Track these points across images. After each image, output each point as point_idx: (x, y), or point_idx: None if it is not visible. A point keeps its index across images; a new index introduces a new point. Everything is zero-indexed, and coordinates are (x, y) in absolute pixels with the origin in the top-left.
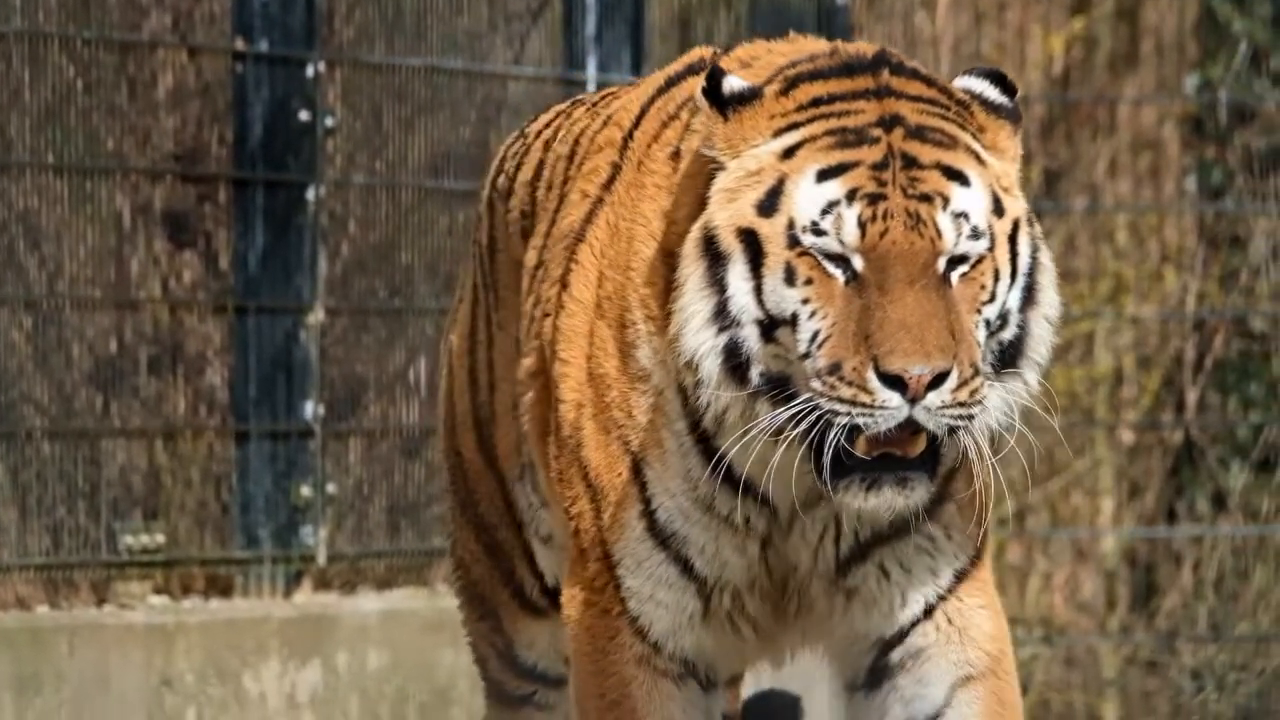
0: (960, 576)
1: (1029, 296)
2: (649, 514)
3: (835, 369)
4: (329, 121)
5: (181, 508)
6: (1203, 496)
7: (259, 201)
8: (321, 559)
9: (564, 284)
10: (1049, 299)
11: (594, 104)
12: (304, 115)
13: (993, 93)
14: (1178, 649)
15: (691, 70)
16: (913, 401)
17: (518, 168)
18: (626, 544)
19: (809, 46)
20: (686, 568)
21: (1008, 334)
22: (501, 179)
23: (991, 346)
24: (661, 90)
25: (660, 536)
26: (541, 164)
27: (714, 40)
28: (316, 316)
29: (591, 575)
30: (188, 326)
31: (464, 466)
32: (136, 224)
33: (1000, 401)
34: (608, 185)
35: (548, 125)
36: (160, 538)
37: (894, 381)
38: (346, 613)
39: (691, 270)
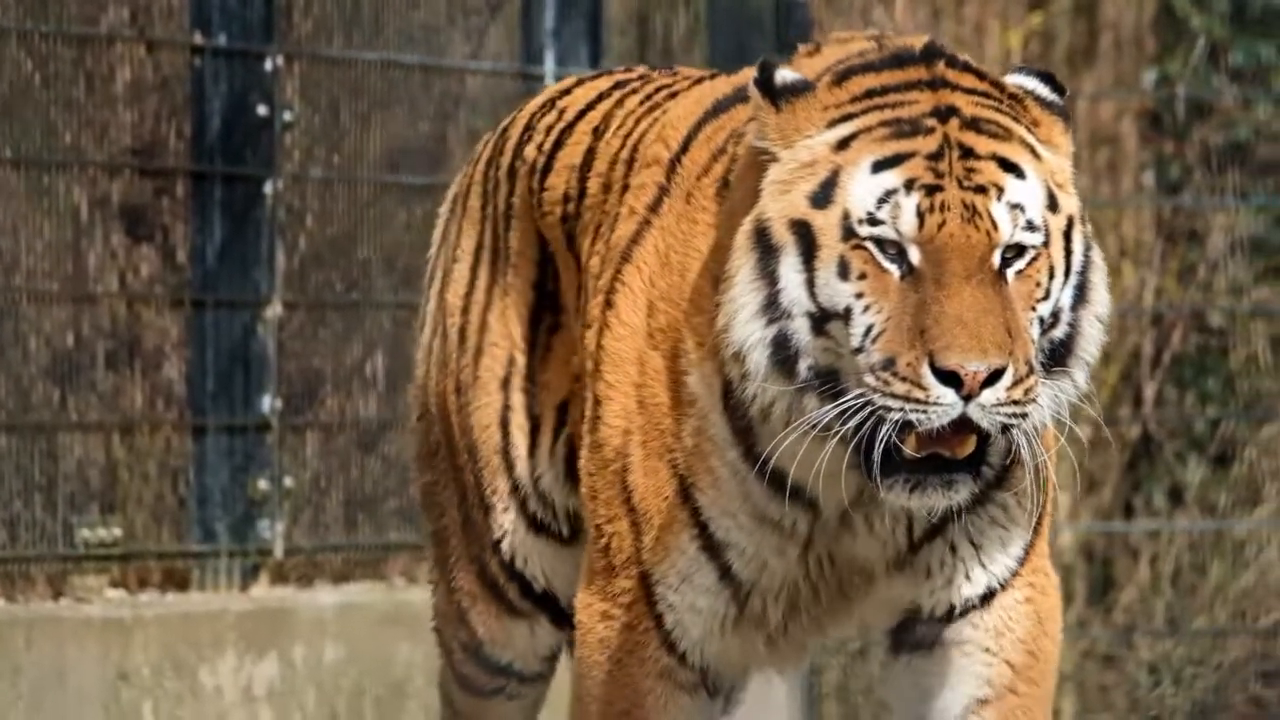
0: (1021, 560)
1: (1081, 295)
2: (705, 535)
3: (889, 364)
4: (287, 116)
5: (138, 501)
6: (1160, 491)
7: (217, 195)
8: (278, 552)
9: (609, 304)
10: (1100, 298)
11: (648, 96)
12: (262, 109)
13: (1044, 89)
14: (1135, 643)
15: (739, 97)
16: (967, 398)
17: (557, 145)
18: (673, 563)
19: (855, 45)
20: (726, 572)
21: (1059, 332)
22: (531, 149)
23: (1042, 345)
24: (710, 115)
25: (712, 550)
26: (592, 152)
27: (672, 34)
28: (274, 310)
29: (618, 591)
30: (145, 320)
31: (450, 427)
32: (94, 218)
33: (1049, 400)
34: (654, 208)
35: (591, 107)
36: (117, 531)
37: (949, 378)
38: (303, 606)
39: (743, 262)
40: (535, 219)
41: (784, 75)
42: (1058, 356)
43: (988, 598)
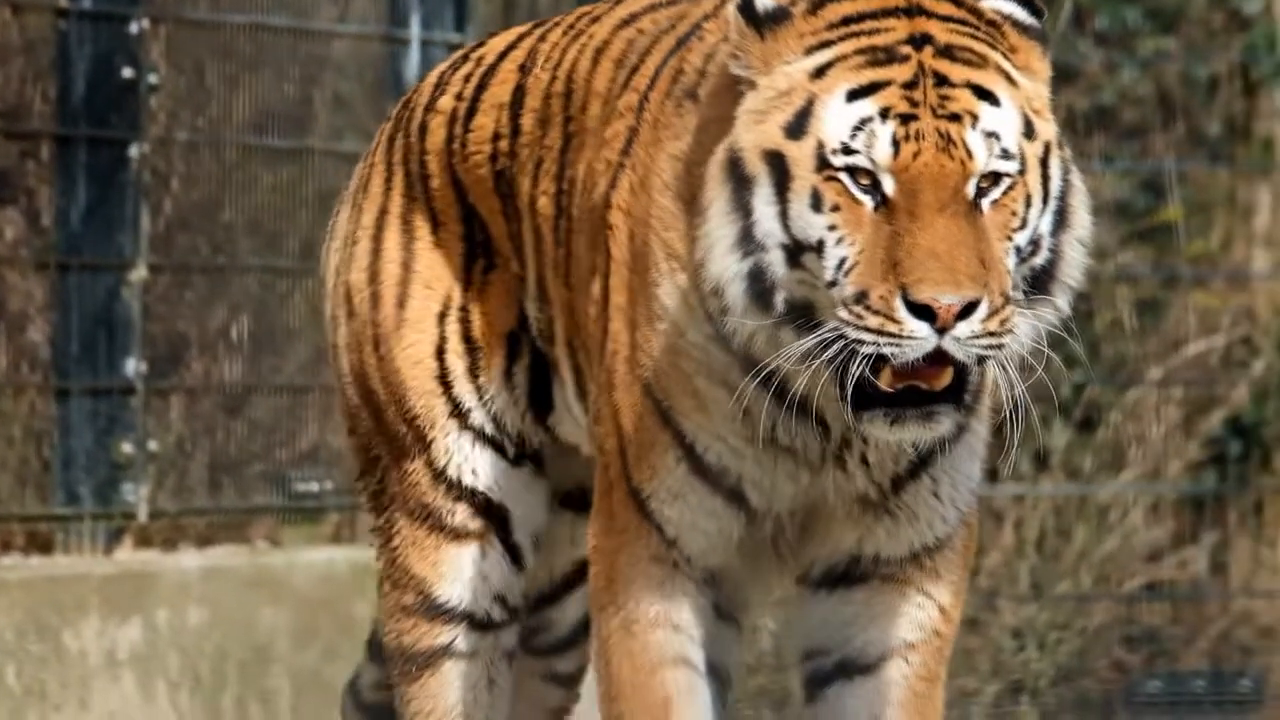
0: (969, 505)
1: (1061, 220)
2: (694, 458)
3: (862, 297)
4: (152, 79)
5: (2, 464)
6: (1024, 455)
7: (82, 159)
8: (142, 516)
9: (607, 253)
10: (1081, 220)
11: (570, 25)
12: (127, 72)
13: (1022, 13)
14: (999, 608)
15: (697, 32)
16: (941, 331)
17: (480, 88)
18: (661, 481)
19: None
20: (736, 498)
21: (1039, 259)
22: (447, 100)
23: (1023, 272)
24: (673, 51)
25: (709, 475)
26: (521, 89)
27: (538, 3)
28: (139, 274)
29: (616, 504)
30: (9, 283)
31: (375, 399)
32: None
33: (1030, 328)
34: (626, 150)
35: (513, 46)
36: None
37: (923, 311)
38: (167, 569)
39: (716, 194)
40: (453, 167)
41: (764, 2)
42: (1039, 283)
43: (951, 535)
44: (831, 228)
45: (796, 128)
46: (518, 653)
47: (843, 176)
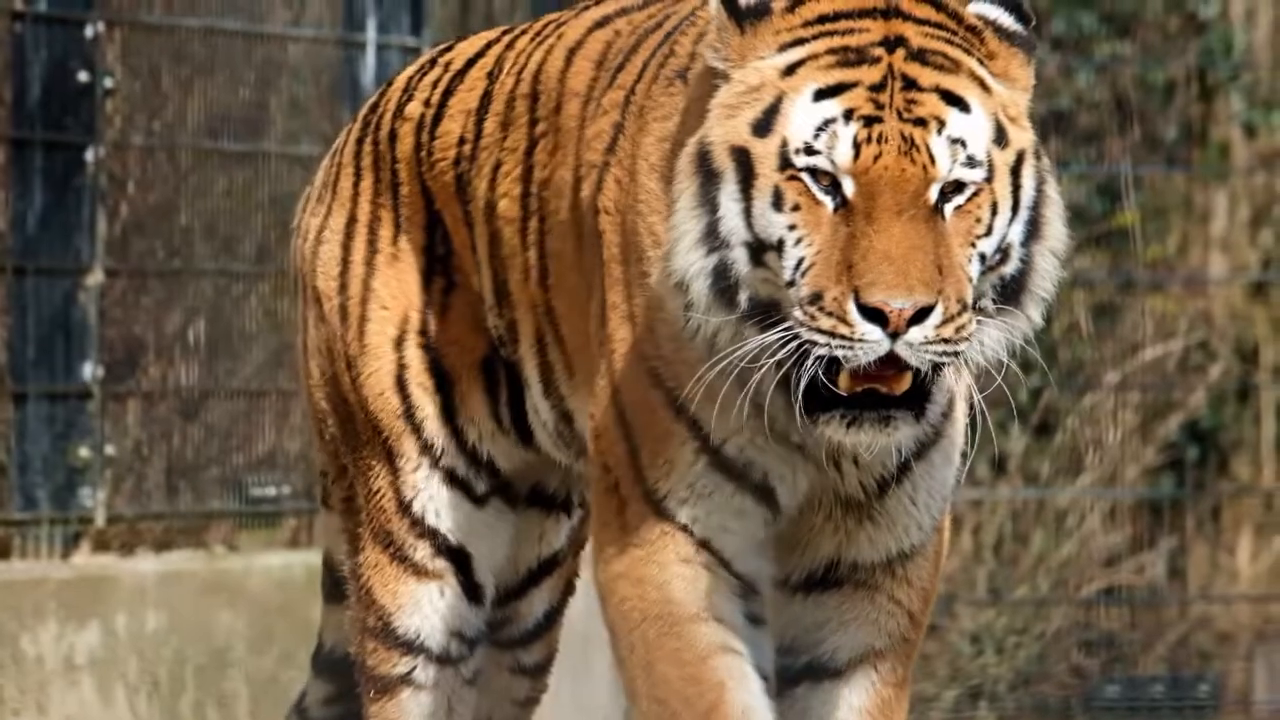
0: (942, 513)
1: (1033, 230)
2: (712, 451)
3: (816, 298)
4: (108, 82)
5: None
6: (982, 460)
7: (37, 162)
8: (100, 520)
9: (599, 257)
10: (1055, 232)
11: (537, 32)
12: (83, 76)
13: (1007, 19)
14: (957, 613)
15: (689, 19)
16: (894, 336)
17: (447, 94)
18: (681, 477)
19: None
20: (765, 495)
21: (1009, 268)
22: (415, 106)
23: (992, 281)
24: (661, 44)
25: (731, 470)
26: (488, 95)
27: (493, 1)
28: (95, 278)
29: (631, 521)
30: None
31: (347, 409)
32: None
33: (999, 336)
34: (611, 147)
35: (482, 54)
36: None
37: (874, 314)
38: (125, 574)
39: (684, 187)
40: (422, 175)
41: None
42: (1010, 293)
43: (922, 544)
44: (791, 227)
45: (764, 125)
46: (486, 646)
47: (804, 177)
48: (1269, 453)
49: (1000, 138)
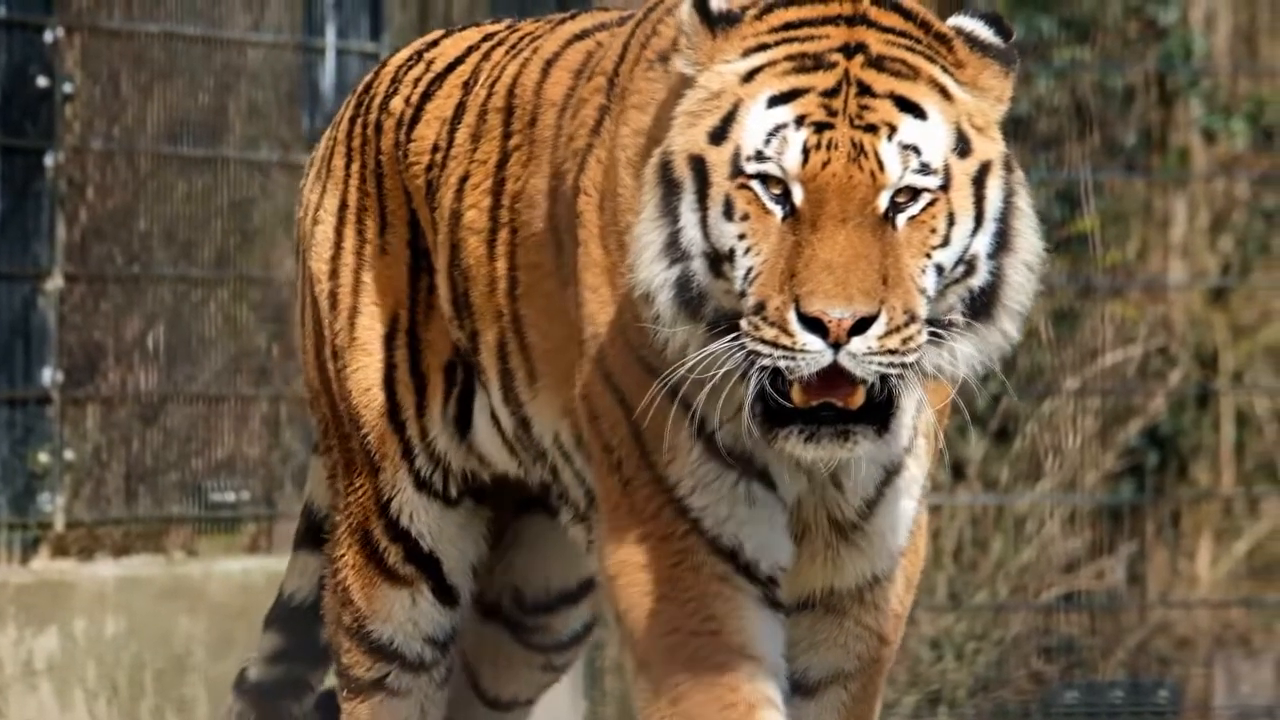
0: (914, 522)
1: (1002, 242)
2: (705, 435)
3: (760, 308)
4: (67, 87)
5: None
6: (941, 466)
7: None
8: (59, 525)
9: (577, 240)
10: (1027, 245)
11: (513, 45)
12: (42, 81)
13: (984, 31)
14: (916, 618)
15: (663, 3)
16: (836, 346)
17: (425, 97)
18: (684, 464)
19: None
20: (767, 481)
21: (978, 280)
22: (398, 102)
23: (960, 294)
24: (640, 22)
25: (728, 457)
26: (462, 106)
27: (453, 7)
28: (55, 283)
29: (640, 503)
30: None
31: (330, 398)
32: None
33: (971, 351)
34: (596, 129)
35: (460, 60)
36: None
37: (814, 324)
38: (84, 579)
39: (649, 198)
40: (400, 173)
41: (718, 2)
42: (981, 306)
43: (889, 571)
44: (741, 236)
45: (720, 133)
46: (517, 647)
47: (754, 184)
48: (1228, 458)
49: (962, 146)
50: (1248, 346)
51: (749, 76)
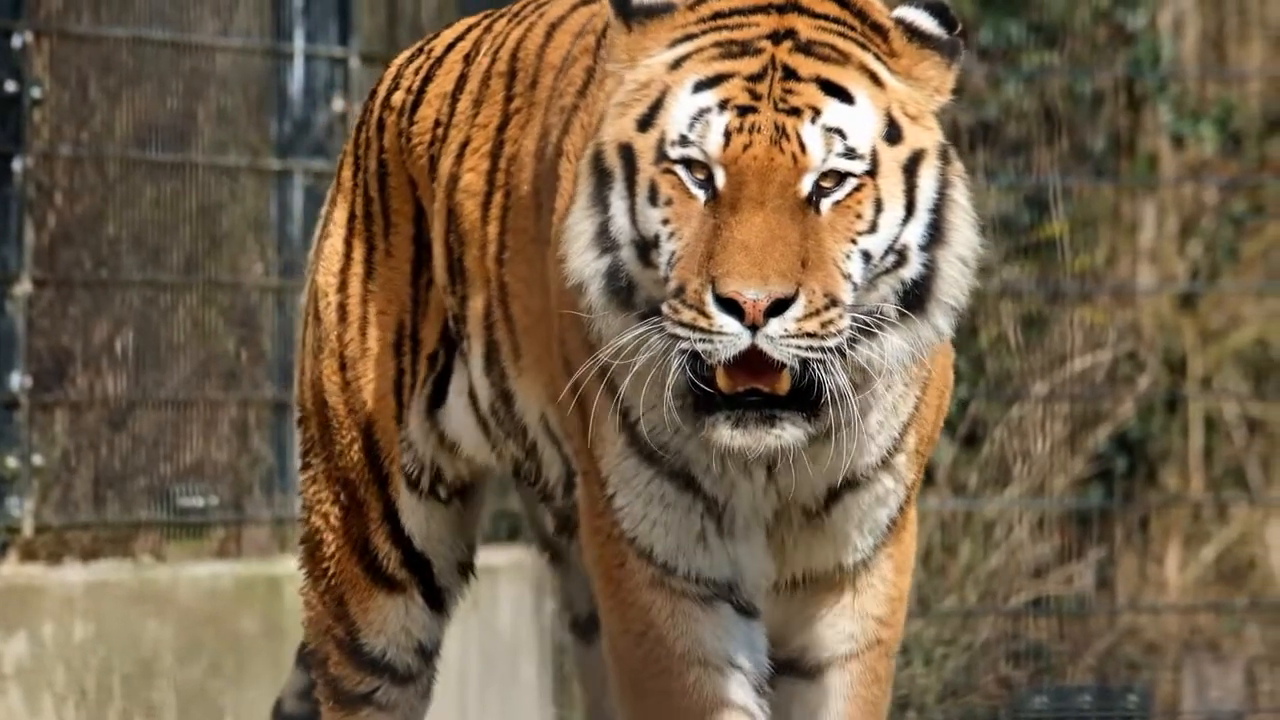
0: (895, 520)
1: (936, 234)
2: (629, 427)
3: (680, 291)
4: (36, 92)
5: None
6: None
7: None
8: (27, 530)
9: (553, 206)
10: (962, 238)
11: (515, 14)
12: (10, 86)
13: (926, 22)
14: None
15: None
16: (753, 329)
17: (426, 80)
18: (610, 460)
19: None
20: (689, 485)
21: (909, 272)
22: (399, 94)
23: (892, 285)
24: None
25: (645, 451)
26: (463, 76)
27: (421, 12)
28: (23, 287)
29: (594, 500)
30: None
31: (328, 415)
32: None
33: (904, 344)
34: (583, 91)
35: (461, 37)
36: None
37: (730, 305)
38: (52, 584)
39: (582, 188)
40: (405, 164)
41: None
42: (914, 298)
43: (870, 558)
44: (665, 221)
45: (647, 120)
46: (589, 657)
47: (678, 169)
48: (1197, 463)
49: (892, 133)
50: (1216, 352)
51: (676, 64)
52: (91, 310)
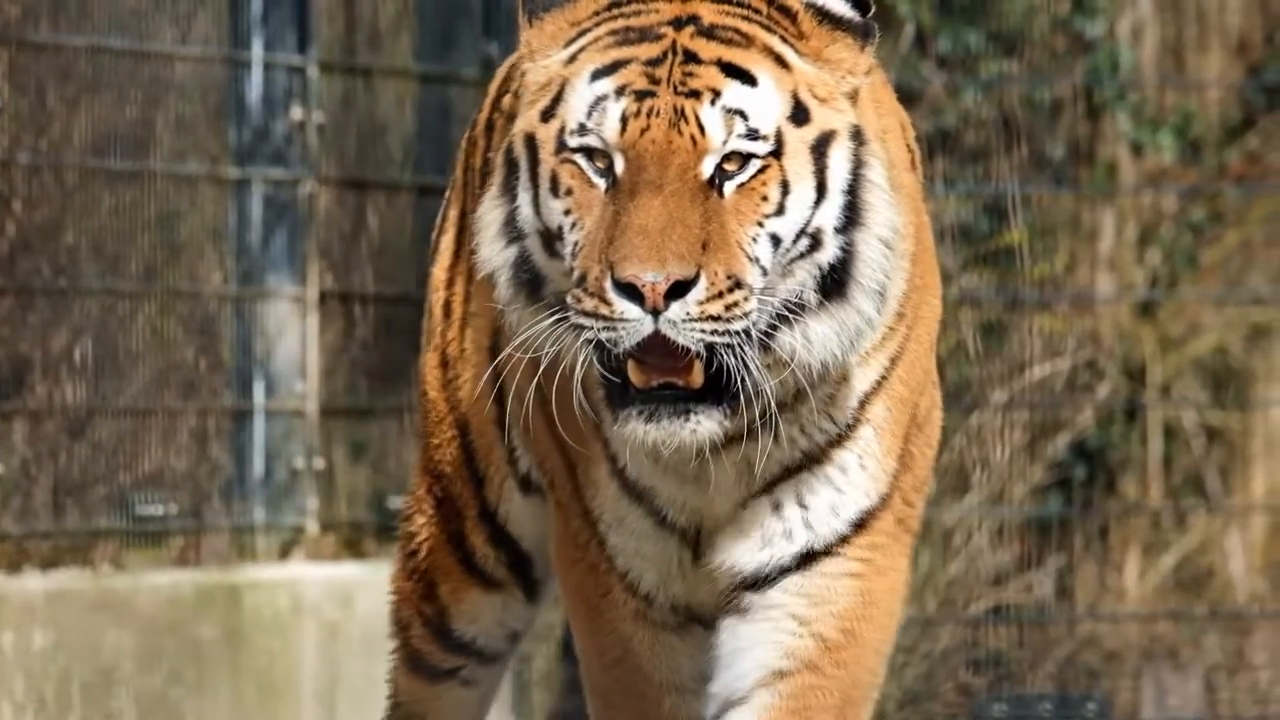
0: (861, 524)
1: (853, 216)
2: (618, 471)
3: (582, 280)
4: None
5: None
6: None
7: None
8: None
9: None
10: (881, 219)
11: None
12: None
13: (837, 4)
14: None
15: None
16: (655, 313)
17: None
18: (604, 502)
19: None
20: (662, 520)
21: (826, 256)
22: (508, 98)
23: (810, 270)
24: None
25: (633, 492)
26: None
27: (379, 21)
28: None
29: (574, 531)
30: None
31: (428, 407)
32: None
33: (830, 333)
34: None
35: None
36: None
37: (629, 291)
38: (12, 592)
39: (495, 179)
40: None
41: None
42: (834, 284)
43: (806, 560)
44: (567, 212)
45: (549, 111)
46: None
47: (578, 158)
48: (1156, 471)
49: (799, 115)
50: (1176, 360)
51: (574, 56)
52: (50, 319)
